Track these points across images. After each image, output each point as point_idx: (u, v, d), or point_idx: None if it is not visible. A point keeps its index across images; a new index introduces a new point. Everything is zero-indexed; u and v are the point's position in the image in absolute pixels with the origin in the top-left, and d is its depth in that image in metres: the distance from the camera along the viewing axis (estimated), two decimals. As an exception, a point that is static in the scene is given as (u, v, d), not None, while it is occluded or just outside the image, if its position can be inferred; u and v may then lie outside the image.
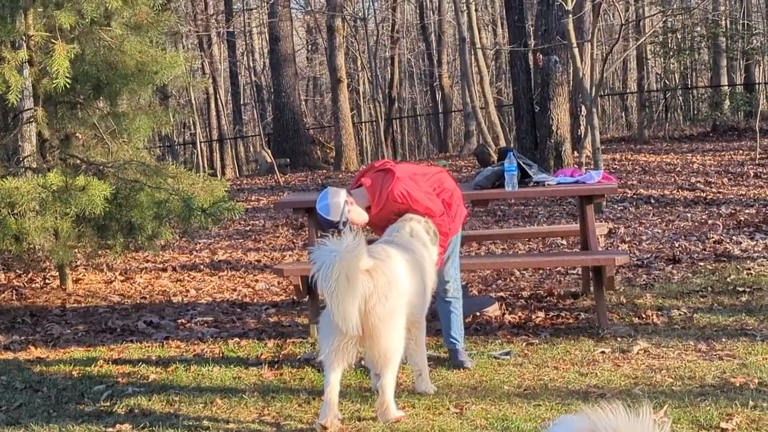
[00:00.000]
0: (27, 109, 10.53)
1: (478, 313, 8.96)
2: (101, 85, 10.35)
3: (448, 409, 6.46)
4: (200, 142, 26.26)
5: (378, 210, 6.86)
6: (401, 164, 7.18)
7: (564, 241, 12.30)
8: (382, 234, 6.93)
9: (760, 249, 11.14)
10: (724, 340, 7.71)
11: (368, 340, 6.15)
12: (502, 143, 20.81)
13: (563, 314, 8.90)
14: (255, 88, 37.70)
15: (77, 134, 10.77)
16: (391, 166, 6.97)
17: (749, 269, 10.09)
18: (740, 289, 9.28)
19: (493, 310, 9.02)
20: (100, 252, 11.24)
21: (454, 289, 7.52)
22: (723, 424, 5.80)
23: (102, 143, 10.62)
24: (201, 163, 24.06)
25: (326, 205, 6.71)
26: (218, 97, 33.99)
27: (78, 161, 10.59)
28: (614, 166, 19.36)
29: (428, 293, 6.74)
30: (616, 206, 15.00)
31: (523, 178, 8.80)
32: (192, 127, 31.96)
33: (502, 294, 9.87)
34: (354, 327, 5.95)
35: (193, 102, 25.32)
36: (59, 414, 6.84)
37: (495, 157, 17.35)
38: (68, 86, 9.42)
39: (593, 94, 15.94)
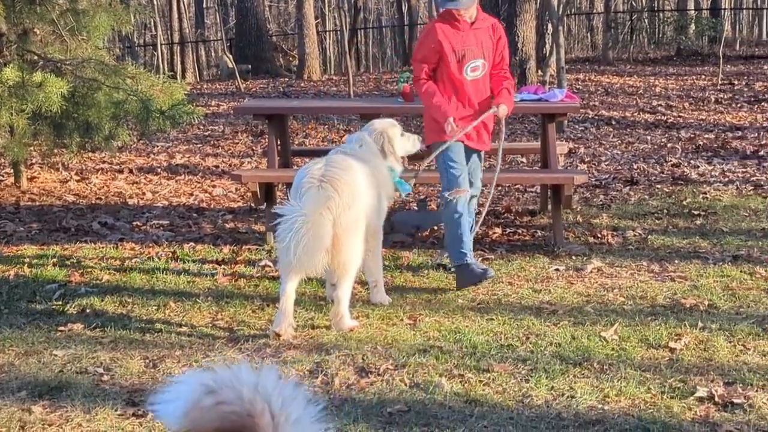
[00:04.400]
0: (-17, 3, 10.29)
1: (435, 227, 8.97)
2: (61, -20, 10.14)
3: (402, 320, 6.49)
4: (161, 45, 25.91)
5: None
6: None
7: (524, 159, 12.32)
8: None
9: (717, 174, 11.21)
10: (676, 261, 7.78)
11: (330, 251, 6.14)
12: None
13: (520, 231, 8.93)
14: (218, -9, 37.14)
15: (35, 29, 10.53)
16: None
17: (705, 193, 10.16)
18: (695, 212, 9.35)
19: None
20: (56, 151, 11.11)
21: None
22: (672, 344, 5.88)
23: (60, 40, 10.41)
24: (161, 66, 23.75)
25: None
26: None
27: (35, 57, 10.37)
28: (577, 87, 19.34)
29: (383, 203, 6.73)
30: (577, 126, 15.01)
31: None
32: (153, 28, 31.49)
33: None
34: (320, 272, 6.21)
35: (155, 2, 24.91)
36: (10, 311, 6.81)
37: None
38: (27, -20, 9.22)
39: (560, 13, 15.84)
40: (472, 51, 7.17)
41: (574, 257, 7.98)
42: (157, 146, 14.02)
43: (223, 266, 7.89)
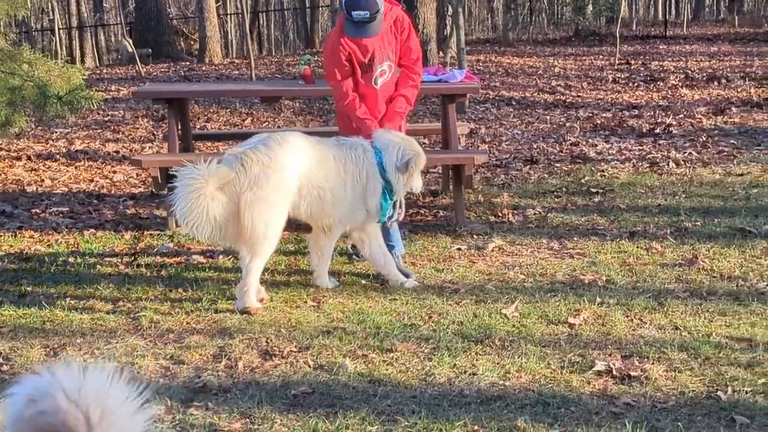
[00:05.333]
0: None
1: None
2: (-49, -37, 9.90)
3: (306, 302, 6.51)
4: (59, 29, 25.48)
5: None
6: None
7: (426, 140, 12.39)
8: None
9: (614, 152, 11.42)
10: (575, 239, 7.93)
11: (237, 225, 6.24)
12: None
13: (422, 212, 9.00)
14: (117, -25, 36.58)
15: (-75, 15, 10.29)
16: None
17: (603, 171, 10.35)
18: (593, 190, 9.52)
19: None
20: (-50, 138, 10.87)
21: None
22: (571, 320, 6.00)
23: (-48, 25, 10.19)
24: (59, 51, 23.35)
25: None
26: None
27: (-74, 43, 10.14)
28: (478, 68, 19.50)
29: (355, 201, 6.70)
30: (478, 107, 15.15)
31: (387, 75, 8.76)
32: (50, 12, 30.89)
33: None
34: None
35: (52, -14, 24.43)
36: None
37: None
38: None
39: (459, -6, 15.93)
40: (378, 56, 7.05)
41: (475, 236, 8.07)
42: (56, 132, 13.78)
43: (124, 252, 7.81)
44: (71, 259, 7.67)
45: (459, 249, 7.73)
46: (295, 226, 7.77)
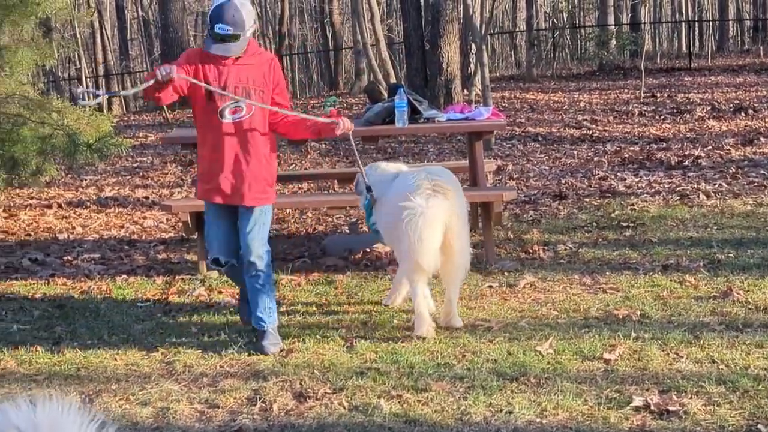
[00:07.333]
0: None
1: (368, 249, 8.99)
2: (-19, 16, 10.03)
3: (338, 343, 6.49)
4: (86, 78, 25.67)
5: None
6: None
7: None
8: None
9: (643, 185, 11.38)
10: (608, 273, 7.88)
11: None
12: (393, 81, 20.80)
13: (452, 250, 8.97)
14: (142, 23, 37.00)
15: (-43, 66, 10.43)
16: None
17: (633, 205, 10.31)
18: (624, 224, 9.48)
19: (383, 246, 9.06)
20: (-19, 189, 10.97)
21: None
22: (606, 355, 5.94)
23: (-17, 76, 10.31)
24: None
25: (248, 7, 6.35)
26: (104, 31, 33.23)
27: (-43, 94, 10.27)
28: (503, 104, 19.53)
29: None
30: (504, 144, 15.16)
31: (413, 114, 8.79)
32: (77, 62, 31.19)
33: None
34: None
35: (78, 36, 24.70)
36: (-59, 353, 6.69)
37: (386, 95, 17.36)
38: (-54, 17, 9.12)
39: (483, 32, 16.00)
40: (233, 88, 6.31)
41: (506, 273, 8.04)
42: (86, 180, 13.89)
43: (156, 297, 7.83)
44: (104, 305, 7.69)
45: (490, 286, 7.70)
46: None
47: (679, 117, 16.95)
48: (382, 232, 6.96)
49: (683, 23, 36.44)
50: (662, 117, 17.12)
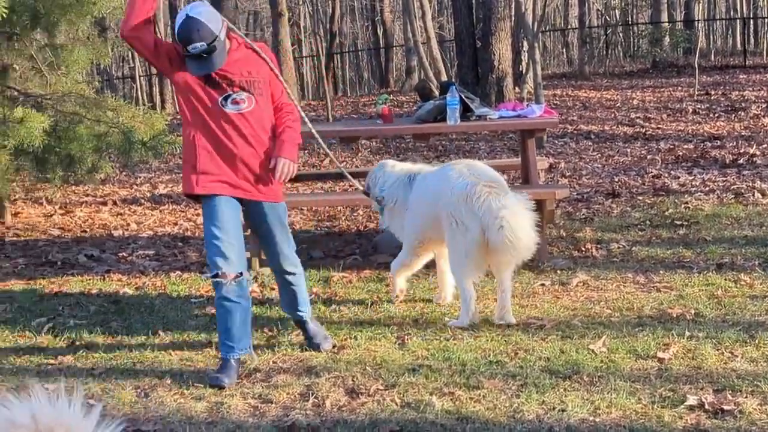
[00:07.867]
0: (-38, 40, 10.31)
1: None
2: (39, 15, 10.13)
3: (390, 340, 6.51)
4: (140, 76, 25.93)
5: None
6: None
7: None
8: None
9: (697, 183, 11.29)
10: (661, 272, 7.83)
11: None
12: (444, 79, 20.78)
13: (504, 247, 8.95)
14: (195, 22, 37.10)
15: (14, 66, 10.55)
16: None
17: (687, 203, 10.23)
18: (678, 222, 9.42)
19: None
20: (39, 185, 11.12)
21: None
22: (660, 354, 5.91)
23: (40, 75, 10.43)
24: (140, 98, 23.75)
25: (207, 12, 5.78)
26: (157, 30, 33.39)
27: (15, 93, 10.40)
28: (555, 102, 19.45)
29: None
30: (556, 141, 15.10)
31: (465, 112, 8.79)
32: (131, 60, 31.46)
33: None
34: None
35: (132, 35, 24.79)
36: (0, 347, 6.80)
37: (437, 93, 17.36)
38: (4, 16, 9.19)
39: (535, 29, 15.95)
40: (233, 80, 6.04)
41: (559, 271, 8.02)
42: (140, 177, 14.04)
43: (209, 294, 7.89)
44: (158, 301, 7.78)
45: (543, 284, 7.68)
46: None
47: (733, 115, 16.78)
48: (408, 232, 7.17)
49: (738, 20, 36.04)
50: (716, 115, 16.97)
